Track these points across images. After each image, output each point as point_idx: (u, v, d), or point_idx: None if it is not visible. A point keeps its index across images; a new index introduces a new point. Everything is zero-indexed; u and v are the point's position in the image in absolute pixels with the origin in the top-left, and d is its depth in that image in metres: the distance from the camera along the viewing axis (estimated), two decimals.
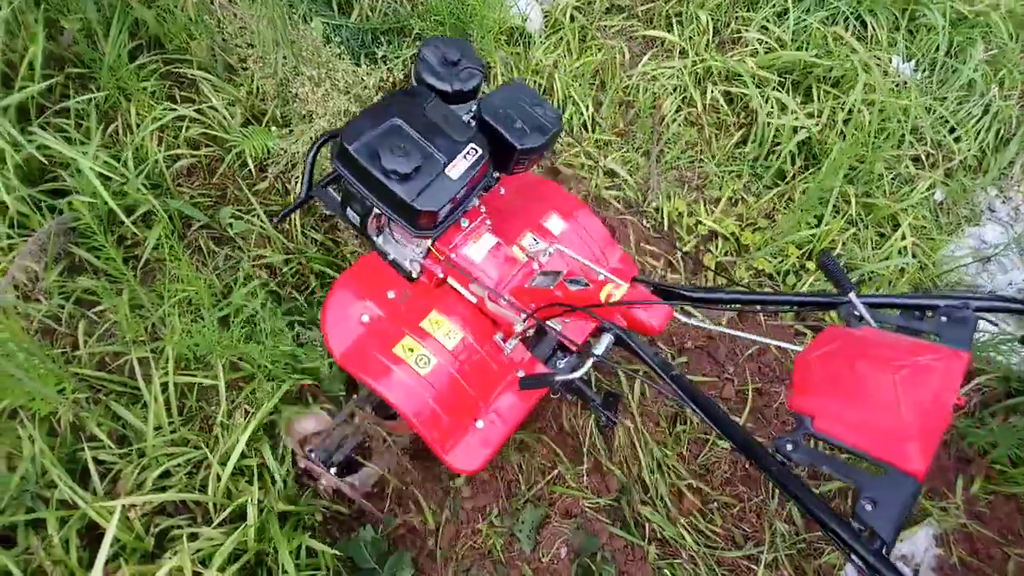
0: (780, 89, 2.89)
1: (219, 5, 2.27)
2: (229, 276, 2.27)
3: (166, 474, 1.91)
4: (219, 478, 1.88)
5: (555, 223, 1.95)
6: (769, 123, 2.78)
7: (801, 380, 1.17)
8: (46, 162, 2.19)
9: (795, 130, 2.79)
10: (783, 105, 2.83)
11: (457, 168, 1.57)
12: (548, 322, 1.63)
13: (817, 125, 2.78)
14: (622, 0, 3.18)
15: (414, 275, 1.85)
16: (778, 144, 2.80)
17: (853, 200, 2.71)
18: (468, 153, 1.59)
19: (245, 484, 1.92)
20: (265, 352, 2.04)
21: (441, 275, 1.80)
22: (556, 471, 2.14)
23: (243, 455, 1.95)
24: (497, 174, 1.87)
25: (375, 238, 1.84)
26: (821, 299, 1.39)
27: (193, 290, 2.09)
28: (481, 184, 1.71)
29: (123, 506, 1.77)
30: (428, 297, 1.83)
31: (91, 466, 1.86)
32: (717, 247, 2.60)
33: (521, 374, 1.78)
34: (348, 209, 1.79)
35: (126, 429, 1.98)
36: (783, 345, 1.44)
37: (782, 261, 2.59)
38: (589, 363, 1.47)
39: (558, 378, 1.53)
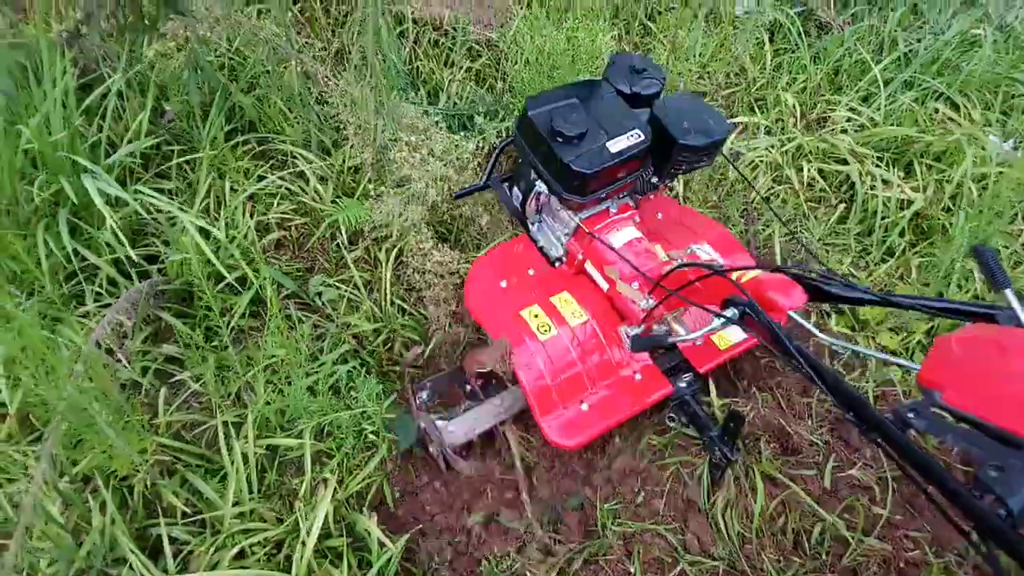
0: (879, 164, 2.78)
1: (322, 77, 2.30)
2: (315, 345, 2.14)
3: (242, 554, 1.70)
4: (301, 559, 1.66)
5: (705, 251, 1.89)
6: (874, 196, 2.65)
7: (937, 358, 1.13)
8: (145, 216, 2.17)
9: (902, 204, 2.65)
10: (885, 180, 2.71)
11: (617, 144, 1.69)
12: (673, 322, 1.70)
13: (925, 199, 2.64)
14: (704, 87, 3.19)
15: (559, 257, 2.01)
16: (884, 219, 2.65)
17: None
18: (631, 135, 1.71)
19: (330, 567, 1.69)
20: (354, 418, 1.87)
21: (581, 256, 1.91)
22: (678, 567, 1.85)
23: (328, 534, 1.75)
24: (656, 179, 1.92)
25: (530, 226, 2.06)
26: (977, 307, 1.23)
27: (283, 354, 1.97)
28: (638, 172, 1.82)
29: None
30: (565, 280, 1.96)
31: (165, 542, 1.66)
32: (833, 321, 2.40)
33: (638, 376, 1.81)
34: (513, 189, 2.03)
35: (201, 503, 1.80)
36: (902, 363, 1.33)
37: (905, 338, 2.36)
38: (717, 322, 1.40)
39: (672, 339, 1.57)
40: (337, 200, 2.44)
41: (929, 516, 1.94)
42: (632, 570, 1.82)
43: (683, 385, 1.88)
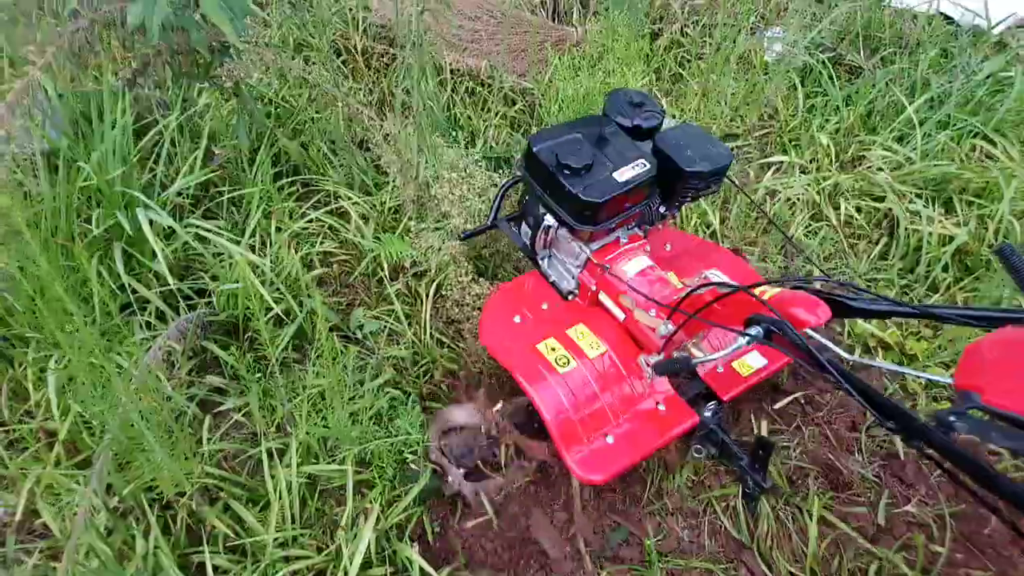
0: (917, 201, 2.77)
1: (366, 118, 2.39)
2: (357, 376, 2.16)
3: None
4: None
5: (717, 276, 1.86)
6: (916, 230, 2.63)
7: (970, 362, 1.12)
8: (195, 248, 2.24)
9: (944, 240, 2.63)
10: (927, 217, 2.69)
11: (624, 174, 1.73)
12: (693, 348, 1.73)
13: (968, 235, 2.61)
14: (736, 129, 3.24)
15: (570, 292, 2.02)
16: (927, 254, 2.62)
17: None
18: (636, 165, 1.76)
19: None
20: (396, 446, 1.87)
21: (594, 288, 1.91)
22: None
23: (369, 563, 1.72)
24: (663, 209, 1.94)
25: (540, 261, 2.08)
26: (1021, 313, 1.19)
27: (326, 383, 1.98)
28: (645, 202, 1.85)
29: None
30: (579, 313, 1.95)
31: (209, 569, 1.65)
32: (879, 356, 2.35)
33: (662, 408, 1.77)
34: (522, 226, 2.05)
35: (242, 532, 1.79)
36: (934, 378, 1.30)
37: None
38: (742, 341, 1.36)
39: (695, 361, 1.49)
40: (379, 237, 2.49)
41: (992, 554, 1.85)
42: None
43: (708, 414, 1.83)
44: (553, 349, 1.78)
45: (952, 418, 1.03)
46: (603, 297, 1.90)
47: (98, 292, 1.98)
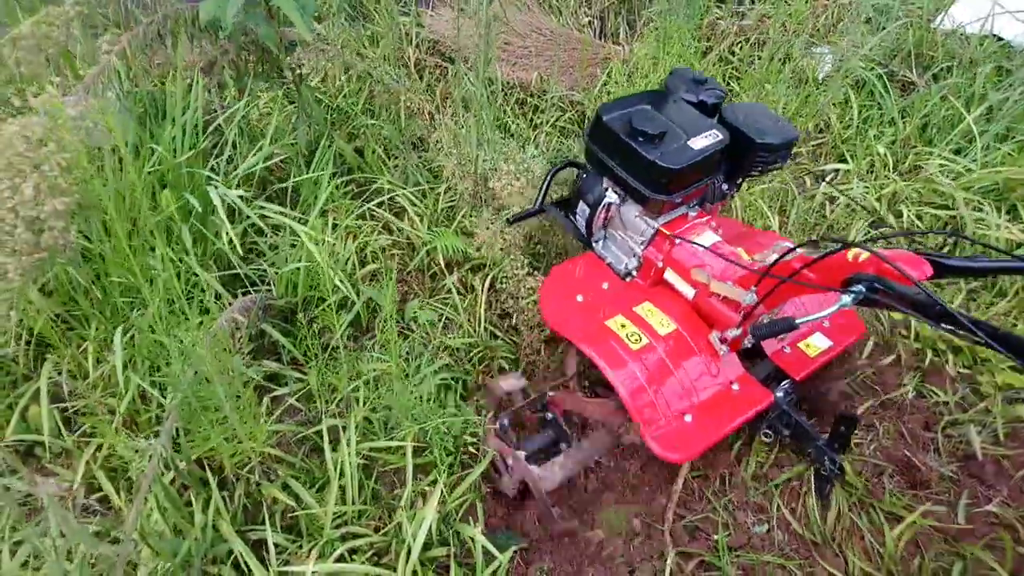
0: (982, 207, 2.71)
1: (426, 112, 2.42)
2: (413, 364, 2.13)
3: (342, 560, 1.63)
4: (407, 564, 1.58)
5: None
6: (984, 235, 2.56)
7: None
8: (261, 227, 2.25)
9: (1012, 246, 2.56)
10: (992, 223, 2.63)
11: (698, 142, 1.72)
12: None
13: None
14: None
15: (628, 273, 1.98)
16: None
17: None
18: (710, 134, 1.74)
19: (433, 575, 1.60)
20: (454, 427, 1.83)
21: (660, 264, 1.87)
22: None
23: (428, 544, 1.67)
24: (726, 187, 1.95)
25: (595, 244, 2.05)
26: None
27: (387, 366, 1.96)
28: (715, 175, 1.83)
29: None
30: (642, 292, 1.90)
31: (269, 541, 1.61)
32: (949, 360, 2.26)
33: (736, 387, 1.73)
34: (580, 205, 2.00)
35: (298, 512, 1.75)
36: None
37: None
38: (835, 307, 1.34)
39: (799, 321, 1.42)
40: (434, 230, 2.49)
41: None
42: None
43: (781, 395, 1.80)
44: (623, 326, 1.74)
45: None
46: (669, 275, 1.87)
47: (164, 269, 2.00)
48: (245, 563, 1.56)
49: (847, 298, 1.33)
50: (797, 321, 1.42)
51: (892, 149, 3.07)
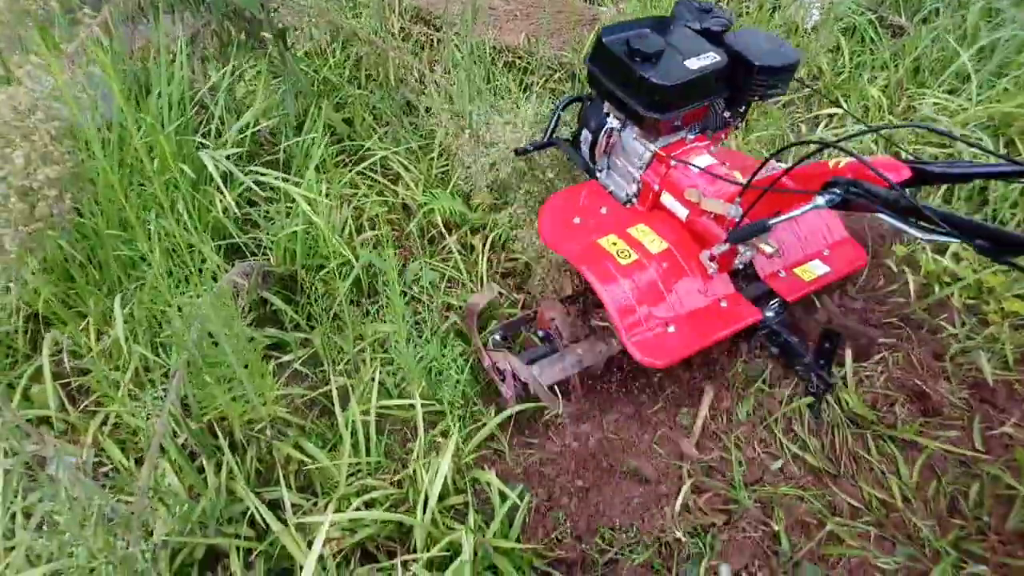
0: (981, 140, 2.69)
1: (415, 69, 2.38)
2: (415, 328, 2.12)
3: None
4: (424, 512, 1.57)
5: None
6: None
7: None
8: (255, 194, 2.22)
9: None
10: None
11: (695, 63, 1.73)
12: (759, 242, 1.64)
13: None
14: None
15: (629, 200, 2.02)
16: (993, 193, 2.54)
17: None
18: (707, 56, 1.74)
19: (452, 521, 1.59)
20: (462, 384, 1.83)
21: (657, 187, 1.90)
22: (825, 528, 1.68)
23: (444, 494, 1.66)
24: (727, 114, 1.95)
25: (598, 173, 2.09)
26: None
27: (391, 328, 1.94)
28: (713, 99, 1.84)
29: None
30: (639, 215, 1.95)
31: (285, 497, 1.59)
32: (955, 293, 2.25)
33: (724, 304, 1.77)
34: (583, 132, 2.05)
35: (313, 472, 1.73)
36: None
37: None
38: (809, 207, 1.42)
39: (771, 222, 1.49)
40: (432, 193, 2.47)
41: None
42: (777, 530, 1.67)
43: (771, 314, 1.83)
44: (614, 243, 1.80)
45: None
46: (666, 198, 1.90)
47: (161, 239, 1.97)
48: (263, 519, 1.55)
49: (821, 199, 1.39)
50: (770, 222, 1.49)
51: (886, 92, 3.05)
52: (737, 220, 1.64)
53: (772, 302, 1.88)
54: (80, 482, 1.26)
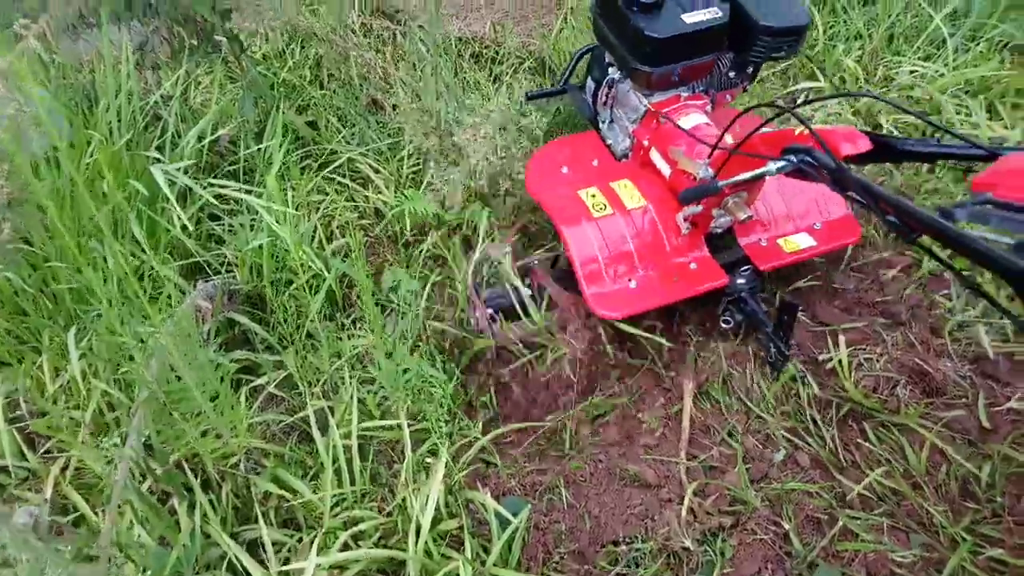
0: (959, 109, 2.64)
1: (379, 67, 2.26)
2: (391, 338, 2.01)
3: (347, 548, 1.52)
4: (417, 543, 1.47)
5: None
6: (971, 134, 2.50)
7: (994, 168, 1.13)
8: (216, 208, 2.10)
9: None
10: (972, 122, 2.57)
11: (693, 17, 1.67)
12: (734, 207, 1.68)
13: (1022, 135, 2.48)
14: None
15: (624, 155, 2.02)
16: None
17: None
18: (707, 11, 1.68)
19: (448, 550, 1.50)
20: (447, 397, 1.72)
21: (647, 143, 1.89)
22: (838, 524, 1.61)
23: (437, 519, 1.56)
24: (733, 74, 1.89)
25: (601, 124, 2.08)
26: None
27: (370, 341, 1.83)
28: (713, 56, 1.78)
29: None
30: (627, 170, 1.95)
31: (266, 538, 1.48)
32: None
33: (693, 266, 1.78)
34: (588, 81, 2.06)
35: (294, 504, 1.62)
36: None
37: None
38: (760, 171, 1.43)
39: (722, 184, 1.51)
40: (404, 195, 2.35)
41: None
42: (788, 528, 1.60)
43: (741, 281, 1.80)
44: (593, 196, 1.81)
45: (957, 209, 1.08)
46: (654, 154, 1.87)
47: (115, 263, 1.84)
48: (242, 566, 1.44)
49: (772, 165, 1.40)
50: (720, 184, 1.51)
51: (862, 63, 2.98)
52: (709, 180, 1.62)
53: (744, 269, 1.84)
54: (28, 546, 1.14)
